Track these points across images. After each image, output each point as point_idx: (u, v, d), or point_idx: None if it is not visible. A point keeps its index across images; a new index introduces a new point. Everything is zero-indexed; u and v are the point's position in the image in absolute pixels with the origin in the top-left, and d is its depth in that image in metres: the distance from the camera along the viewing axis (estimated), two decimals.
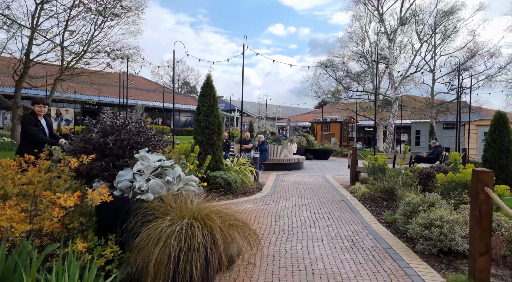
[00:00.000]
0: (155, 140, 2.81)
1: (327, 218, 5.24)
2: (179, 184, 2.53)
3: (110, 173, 2.42)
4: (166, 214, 2.19)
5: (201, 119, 7.03)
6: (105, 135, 2.51)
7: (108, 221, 2.33)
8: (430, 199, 4.28)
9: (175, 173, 2.52)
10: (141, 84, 37.95)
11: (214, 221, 2.15)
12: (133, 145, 2.58)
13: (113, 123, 2.61)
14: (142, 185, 2.31)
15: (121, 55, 12.55)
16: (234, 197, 6.59)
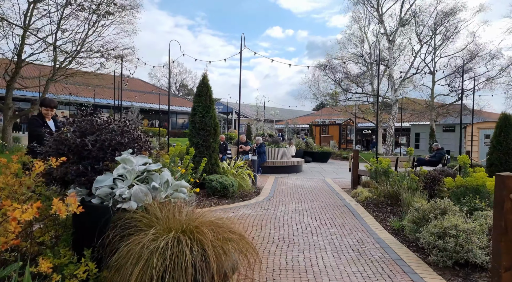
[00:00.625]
0: (142, 141, 2.50)
1: (329, 225, 4.93)
2: (167, 190, 2.22)
3: (88, 178, 2.11)
4: (150, 226, 1.88)
5: (197, 120, 6.73)
6: (83, 136, 2.21)
7: (85, 233, 2.02)
8: (441, 205, 3.99)
9: (163, 178, 2.21)
10: (138, 86, 37.63)
11: (205, 235, 1.85)
12: (116, 146, 2.28)
13: (93, 122, 2.30)
14: (124, 192, 2.00)
15: (115, 55, 12.23)
16: (231, 201, 6.28)
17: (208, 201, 6.08)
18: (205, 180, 6.30)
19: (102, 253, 1.86)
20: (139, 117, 13.54)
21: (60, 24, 11.58)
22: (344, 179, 10.55)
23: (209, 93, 6.83)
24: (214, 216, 4.32)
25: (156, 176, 2.21)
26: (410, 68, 19.19)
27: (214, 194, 6.24)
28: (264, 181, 9.64)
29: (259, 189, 7.89)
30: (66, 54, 11.92)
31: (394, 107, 18.46)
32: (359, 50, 22.65)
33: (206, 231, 1.90)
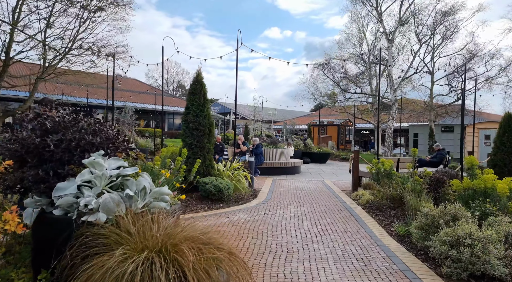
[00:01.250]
0: (119, 141, 2.17)
1: (330, 231, 4.62)
2: (144, 198, 1.90)
3: (50, 184, 1.79)
4: (120, 243, 1.56)
5: (190, 119, 6.40)
6: (44, 135, 1.88)
7: (43, 251, 1.69)
8: (452, 210, 3.68)
9: (140, 184, 1.89)
10: (134, 87, 37.25)
11: (185, 255, 1.52)
12: (86, 147, 1.95)
13: (58, 119, 1.98)
14: (90, 202, 1.68)
15: (107, 52, 11.86)
16: (226, 205, 5.95)
17: (202, 204, 5.75)
18: (199, 183, 5.97)
19: (59, 277, 1.53)
20: (133, 117, 13.16)
21: (49, 21, 11.19)
22: (343, 181, 10.25)
23: (203, 91, 6.51)
24: (205, 224, 3.98)
25: (131, 182, 1.88)
26: (409, 68, 18.95)
27: (208, 197, 5.91)
28: (262, 182, 9.32)
29: (256, 192, 7.57)
30: (56, 51, 11.52)
31: (393, 108, 18.20)
32: (358, 50, 22.41)
33: (186, 250, 1.57)
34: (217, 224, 4.68)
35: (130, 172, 1.91)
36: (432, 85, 21.30)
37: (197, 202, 5.81)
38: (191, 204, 5.64)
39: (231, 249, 1.88)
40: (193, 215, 5.11)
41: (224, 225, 4.63)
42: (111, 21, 12.03)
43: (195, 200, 5.89)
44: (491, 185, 4.70)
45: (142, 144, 13.05)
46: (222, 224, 4.67)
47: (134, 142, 13.11)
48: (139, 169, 2.02)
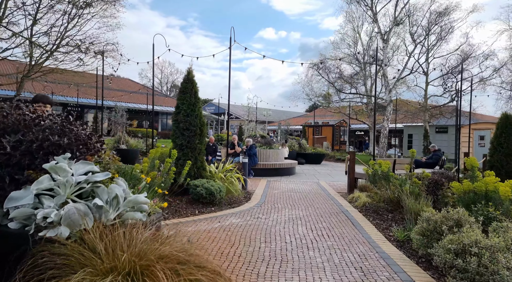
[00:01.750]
0: (92, 142, 1.92)
1: (326, 236, 4.40)
2: (117, 209, 1.65)
3: (5, 193, 1.54)
4: (84, 264, 1.31)
5: (181, 119, 6.14)
6: (0, 135, 1.63)
7: None
8: (455, 215, 3.49)
9: (111, 192, 1.64)
10: (127, 86, 36.78)
11: (158, 279, 1.28)
12: (51, 149, 1.70)
13: (19, 117, 1.72)
14: (50, 214, 1.43)
15: (96, 50, 11.49)
16: (218, 208, 5.70)
17: (192, 208, 5.49)
18: (189, 186, 5.71)
19: None
20: (124, 117, 12.82)
21: (36, 18, 10.80)
22: (339, 182, 10.07)
23: (194, 90, 6.25)
24: (195, 230, 3.74)
25: (102, 189, 1.64)
26: (404, 69, 18.91)
27: (199, 200, 5.66)
28: (256, 184, 9.08)
29: (250, 194, 7.33)
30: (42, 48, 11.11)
31: (388, 108, 18.14)
32: (353, 50, 22.34)
33: (160, 271, 1.33)
34: (207, 229, 4.43)
35: (101, 178, 1.66)
36: (426, 86, 21.31)
37: (187, 205, 5.55)
38: (181, 207, 5.38)
39: (215, 267, 1.63)
40: (182, 219, 4.85)
41: (215, 231, 4.38)
42: (101, 18, 11.72)
43: (185, 203, 5.63)
44: (493, 188, 4.53)
45: (133, 145, 12.72)
46: (213, 230, 4.43)
47: (125, 142, 12.77)
48: (114, 174, 1.77)
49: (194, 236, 4.07)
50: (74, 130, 1.83)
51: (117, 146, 12.62)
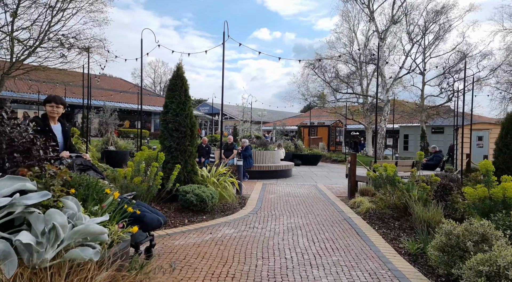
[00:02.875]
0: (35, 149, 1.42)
1: (331, 249, 3.94)
2: (57, 245, 1.16)
3: None
4: None
5: (169, 119, 5.63)
6: None
7: None
8: (479, 228, 3.05)
9: (49, 221, 1.15)
10: (119, 86, 36.05)
11: None
12: None
13: None
14: None
15: (79, 45, 10.87)
16: (210, 217, 5.21)
17: (181, 217, 4.99)
18: (179, 192, 5.21)
19: None
20: (113, 117, 12.24)
21: (17, 12, 10.15)
22: (337, 185, 9.65)
23: (184, 87, 5.75)
24: (183, 244, 3.26)
25: (36, 216, 1.15)
26: (402, 69, 18.63)
27: (189, 208, 5.16)
28: (251, 188, 8.61)
29: (245, 199, 6.85)
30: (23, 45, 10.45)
31: (386, 108, 17.81)
32: (349, 50, 22.01)
33: None
34: (197, 242, 3.94)
35: (36, 200, 1.18)
36: (423, 85, 21.08)
37: (176, 214, 5.05)
38: (168, 216, 4.87)
39: None
40: (170, 230, 4.35)
41: (205, 244, 3.89)
42: (87, 13, 11.10)
43: (174, 211, 5.12)
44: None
45: (123, 146, 12.15)
46: (203, 243, 3.93)
47: (114, 143, 12.18)
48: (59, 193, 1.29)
49: (181, 252, 3.57)
50: (6, 133, 1.33)
51: (105, 147, 12.03)
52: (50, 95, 3.55)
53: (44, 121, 3.40)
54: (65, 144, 3.54)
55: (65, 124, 3.64)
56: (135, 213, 2.67)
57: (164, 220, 3.04)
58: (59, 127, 3.54)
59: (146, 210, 2.93)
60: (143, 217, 2.70)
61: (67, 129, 3.62)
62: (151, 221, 2.80)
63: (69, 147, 3.57)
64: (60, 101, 3.50)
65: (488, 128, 16.94)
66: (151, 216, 2.81)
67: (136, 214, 2.70)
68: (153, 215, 2.88)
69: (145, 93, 33.21)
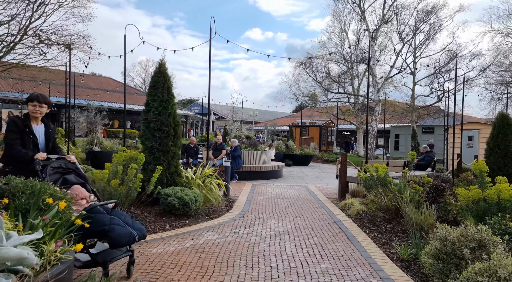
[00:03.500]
0: None
1: (319, 256, 3.71)
2: None
3: None
4: None
5: (151, 118, 5.34)
6: None
7: None
8: (476, 234, 2.86)
9: None
10: (108, 85, 35.36)
11: None
12: None
13: None
14: None
15: (59, 40, 10.41)
16: (194, 221, 4.93)
17: (163, 222, 4.70)
18: (160, 195, 4.92)
19: None
20: (98, 117, 11.83)
21: None
22: (328, 186, 9.46)
23: (167, 85, 5.46)
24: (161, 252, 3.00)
25: None
26: (392, 68, 18.62)
27: (171, 212, 4.87)
28: (239, 189, 8.36)
29: (232, 201, 6.59)
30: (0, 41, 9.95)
31: (377, 108, 17.77)
32: (340, 49, 21.95)
33: None
34: (176, 250, 3.66)
35: None
36: (414, 85, 21.14)
37: (157, 218, 4.76)
38: (148, 221, 4.58)
39: None
40: (148, 237, 4.06)
41: (185, 252, 3.62)
42: (70, 8, 10.66)
43: (154, 215, 4.83)
44: (508, 196, 3.97)
45: (108, 146, 11.76)
46: (183, 250, 3.66)
47: (99, 143, 11.78)
48: None
49: (158, 262, 3.30)
50: None
51: (90, 148, 11.63)
52: (33, 93, 3.27)
53: (24, 122, 3.13)
54: (47, 146, 3.27)
55: (49, 126, 3.38)
56: (96, 227, 2.39)
57: (141, 235, 2.68)
58: (42, 128, 3.28)
59: (119, 223, 2.60)
60: (108, 232, 2.41)
61: (51, 131, 3.36)
62: (119, 237, 2.46)
63: (52, 149, 3.31)
64: (44, 101, 3.21)
65: (478, 128, 17.02)
66: (120, 231, 2.48)
67: (100, 228, 2.42)
68: (125, 229, 2.54)
69: (135, 92, 32.60)
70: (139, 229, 2.70)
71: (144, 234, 2.73)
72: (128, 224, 2.65)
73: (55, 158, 3.09)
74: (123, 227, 2.55)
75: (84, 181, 3.14)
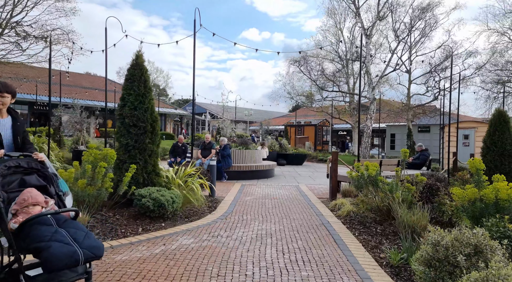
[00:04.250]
0: None
1: (301, 262, 3.39)
2: None
3: None
4: None
5: (126, 113, 4.99)
6: None
7: None
8: (472, 239, 2.55)
9: None
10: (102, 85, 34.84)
11: None
12: None
13: None
14: None
15: (37, 34, 10.00)
16: (171, 224, 4.59)
17: (136, 225, 4.35)
18: (134, 196, 4.57)
19: None
20: (83, 115, 11.45)
21: None
22: (320, 185, 9.15)
23: (144, 78, 5.12)
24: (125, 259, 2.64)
25: None
26: (388, 66, 18.38)
27: (146, 214, 4.53)
28: (228, 189, 8.02)
29: (217, 202, 6.26)
30: None
31: (372, 107, 17.51)
32: (335, 47, 21.69)
33: None
34: (143, 257, 3.32)
35: None
36: (409, 84, 20.92)
37: (129, 221, 4.41)
38: (119, 225, 4.23)
39: None
40: (115, 242, 3.71)
41: (152, 259, 3.27)
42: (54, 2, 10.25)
43: (127, 218, 4.48)
44: (506, 196, 3.67)
45: (94, 146, 11.36)
46: (151, 258, 3.32)
47: (85, 142, 11.41)
48: None
49: (119, 271, 2.95)
50: None
51: (75, 147, 11.26)
52: None
53: None
54: (15, 142, 2.90)
55: (18, 119, 2.98)
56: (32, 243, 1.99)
57: (91, 255, 2.13)
58: (8, 122, 2.89)
59: (63, 238, 2.10)
60: (42, 251, 1.94)
61: (20, 125, 2.95)
62: (54, 258, 1.94)
63: (22, 145, 2.94)
64: (6, 90, 2.82)
65: (474, 127, 16.80)
66: (58, 250, 1.98)
67: (34, 245, 2.01)
68: (67, 247, 2.04)
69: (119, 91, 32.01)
70: (90, 247, 2.16)
71: (97, 254, 2.19)
72: (76, 240, 2.15)
73: (16, 155, 2.71)
74: (66, 244, 2.07)
75: (46, 183, 2.75)
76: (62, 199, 2.74)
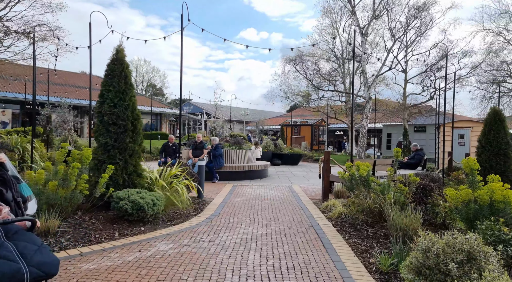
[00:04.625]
0: None
1: (285, 269, 3.17)
2: None
3: None
4: None
5: (105, 111, 4.75)
6: None
7: None
8: (465, 245, 2.34)
9: None
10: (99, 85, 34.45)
11: None
12: None
13: None
14: None
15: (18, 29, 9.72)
16: (151, 228, 4.35)
17: (112, 229, 4.11)
18: (112, 198, 4.33)
19: None
20: (71, 114, 11.18)
21: None
22: (314, 186, 8.95)
23: (124, 73, 4.88)
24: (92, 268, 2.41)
25: None
26: (383, 65, 18.22)
27: (124, 217, 4.29)
28: (218, 190, 7.80)
29: (204, 204, 6.03)
30: None
31: (367, 106, 17.33)
32: (331, 46, 21.51)
33: None
34: (113, 266, 3.08)
35: None
36: (405, 83, 20.77)
37: (105, 225, 4.17)
38: (95, 229, 3.99)
39: None
40: (86, 248, 3.47)
41: (123, 268, 3.04)
42: None
43: (103, 222, 4.24)
44: (501, 197, 3.47)
45: (83, 145, 11.09)
46: (122, 266, 3.08)
47: (73, 142, 11.13)
48: None
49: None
50: None
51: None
52: None
53: None
54: None
55: None
56: None
57: (40, 273, 1.85)
58: None
59: (8, 254, 1.83)
60: None
61: None
62: None
63: None
64: None
65: (469, 126, 16.66)
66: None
67: None
68: (9, 265, 1.78)
69: None
70: (39, 264, 1.88)
71: (48, 271, 1.91)
72: (24, 256, 1.88)
73: None
74: (9, 261, 1.81)
75: (2, 188, 2.48)
76: (20, 205, 2.49)
